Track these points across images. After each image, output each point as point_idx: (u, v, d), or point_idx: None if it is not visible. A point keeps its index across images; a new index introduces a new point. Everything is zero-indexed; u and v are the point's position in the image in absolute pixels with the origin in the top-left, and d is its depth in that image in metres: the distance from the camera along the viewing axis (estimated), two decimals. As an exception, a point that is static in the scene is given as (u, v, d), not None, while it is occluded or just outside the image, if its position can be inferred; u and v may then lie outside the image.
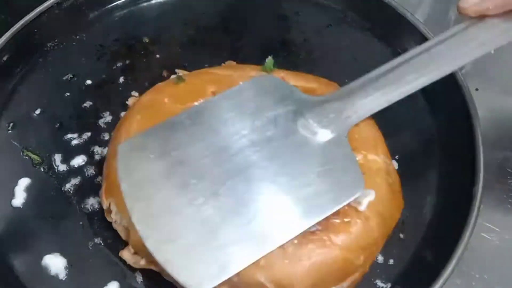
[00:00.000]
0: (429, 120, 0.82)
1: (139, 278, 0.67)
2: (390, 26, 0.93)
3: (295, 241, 0.58)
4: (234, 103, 0.65)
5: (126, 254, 0.66)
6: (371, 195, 0.62)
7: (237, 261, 0.55)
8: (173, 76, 0.80)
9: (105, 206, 0.69)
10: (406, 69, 0.65)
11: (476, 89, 0.91)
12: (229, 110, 0.65)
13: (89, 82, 0.87)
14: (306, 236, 0.59)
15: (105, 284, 0.67)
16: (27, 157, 0.78)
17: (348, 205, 0.61)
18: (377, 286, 0.67)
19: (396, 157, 0.78)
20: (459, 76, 0.80)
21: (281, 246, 0.57)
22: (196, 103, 0.70)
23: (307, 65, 0.87)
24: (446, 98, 0.82)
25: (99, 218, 0.72)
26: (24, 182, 0.76)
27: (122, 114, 0.81)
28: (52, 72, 0.89)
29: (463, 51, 0.65)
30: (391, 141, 0.79)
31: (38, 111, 0.83)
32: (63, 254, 0.69)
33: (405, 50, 0.89)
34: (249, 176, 0.59)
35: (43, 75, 0.88)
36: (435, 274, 0.64)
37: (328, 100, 0.66)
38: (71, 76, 0.88)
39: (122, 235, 0.68)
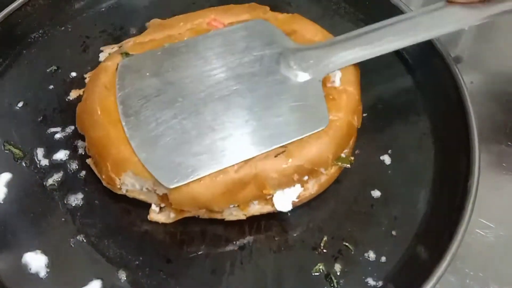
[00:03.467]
0: (423, 114, 0.80)
1: (123, 276, 0.65)
2: (383, 17, 0.90)
3: None
4: (227, 40, 0.76)
5: (155, 215, 0.69)
6: (339, 73, 0.73)
7: (206, 167, 0.65)
8: (106, 50, 0.83)
9: (118, 184, 0.68)
10: (387, 32, 0.74)
11: (471, 82, 0.89)
12: (222, 45, 0.75)
13: (74, 74, 0.85)
14: None
15: (87, 283, 0.65)
16: (8, 151, 0.76)
17: (328, 87, 0.73)
18: (368, 284, 0.65)
19: (389, 151, 0.76)
20: (455, 69, 0.78)
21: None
22: None
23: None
24: (441, 92, 0.80)
25: (82, 214, 0.70)
26: (5, 177, 0.73)
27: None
28: (35, 64, 0.86)
29: (440, 23, 0.74)
30: (384, 135, 0.78)
31: (20, 104, 0.81)
32: (44, 251, 0.67)
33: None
34: (229, 102, 0.70)
35: (26, 67, 0.86)
36: (429, 271, 0.62)
37: (311, 48, 0.75)
38: (56, 68, 0.86)
39: (153, 200, 0.69)
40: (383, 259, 0.67)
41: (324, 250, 0.68)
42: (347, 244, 0.68)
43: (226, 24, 0.80)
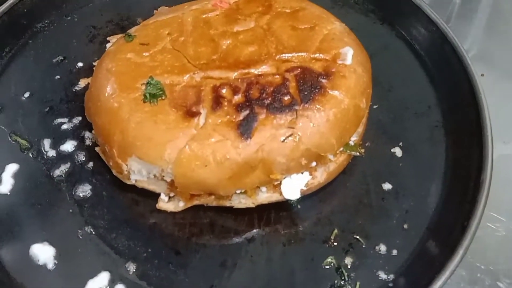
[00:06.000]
0: (435, 106, 0.79)
1: (131, 268, 0.65)
2: (394, 8, 0.89)
3: (318, 106, 0.66)
4: None
5: (163, 204, 0.68)
6: (350, 50, 0.71)
7: None
8: (113, 40, 0.80)
9: (125, 170, 0.66)
10: None
11: (482, 75, 0.88)
12: None
13: (80, 64, 0.84)
14: (318, 99, 0.66)
15: (96, 275, 0.64)
16: (15, 142, 0.75)
17: (339, 65, 0.70)
18: (379, 278, 0.64)
19: (400, 144, 0.75)
20: (467, 60, 0.77)
21: (306, 115, 0.65)
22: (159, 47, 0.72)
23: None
24: (453, 84, 0.79)
25: (90, 206, 0.70)
26: (11, 168, 0.73)
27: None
28: (42, 54, 0.85)
29: None
30: (395, 127, 0.77)
31: (27, 95, 0.80)
32: (52, 243, 0.66)
33: (409, 32, 0.87)
34: None
35: (32, 57, 0.85)
36: (440, 265, 0.61)
37: None
38: (62, 58, 0.85)
39: (163, 189, 0.68)
40: (395, 252, 0.66)
41: (335, 243, 0.67)
42: (358, 237, 0.67)
43: (232, 3, 0.78)
